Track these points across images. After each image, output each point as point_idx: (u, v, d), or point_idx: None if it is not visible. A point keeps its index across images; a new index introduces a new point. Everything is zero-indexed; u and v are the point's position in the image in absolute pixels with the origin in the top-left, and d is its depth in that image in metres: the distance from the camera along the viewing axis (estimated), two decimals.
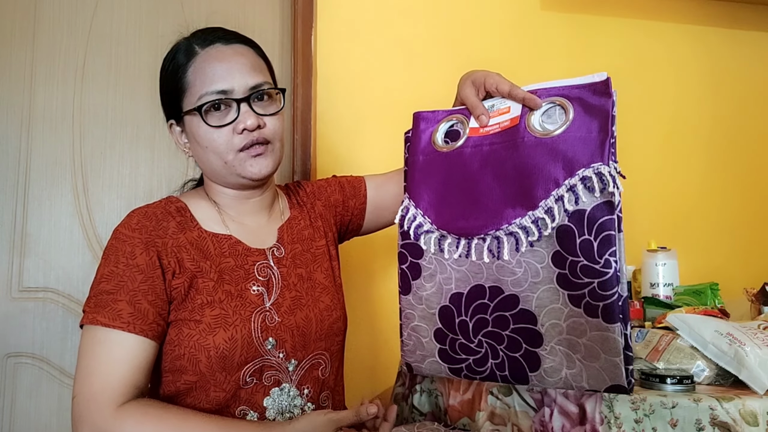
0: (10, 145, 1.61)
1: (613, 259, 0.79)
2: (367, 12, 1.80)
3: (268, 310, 1.01)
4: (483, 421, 1.05)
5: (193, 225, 1.03)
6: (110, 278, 0.95)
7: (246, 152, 1.01)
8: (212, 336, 0.95)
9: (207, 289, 0.98)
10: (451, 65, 1.88)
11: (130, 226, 0.99)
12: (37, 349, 1.57)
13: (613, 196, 0.79)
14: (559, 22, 1.95)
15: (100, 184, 1.65)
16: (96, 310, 0.93)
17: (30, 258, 1.59)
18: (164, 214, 1.01)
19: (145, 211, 1.02)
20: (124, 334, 0.92)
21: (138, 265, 0.95)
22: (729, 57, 2.12)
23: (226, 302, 0.98)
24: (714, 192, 2.06)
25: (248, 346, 0.97)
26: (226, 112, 1.00)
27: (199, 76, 1.00)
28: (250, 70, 1.01)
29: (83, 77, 1.66)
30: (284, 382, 1.00)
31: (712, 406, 0.89)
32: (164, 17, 1.71)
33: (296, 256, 1.09)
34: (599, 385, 0.83)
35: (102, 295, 0.94)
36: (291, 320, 1.02)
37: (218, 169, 1.03)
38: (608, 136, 0.81)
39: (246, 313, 0.98)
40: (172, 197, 1.07)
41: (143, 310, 0.93)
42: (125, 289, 0.94)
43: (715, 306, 1.39)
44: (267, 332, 0.99)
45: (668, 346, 1.06)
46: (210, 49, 1.01)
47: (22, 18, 1.63)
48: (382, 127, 1.77)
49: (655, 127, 2.03)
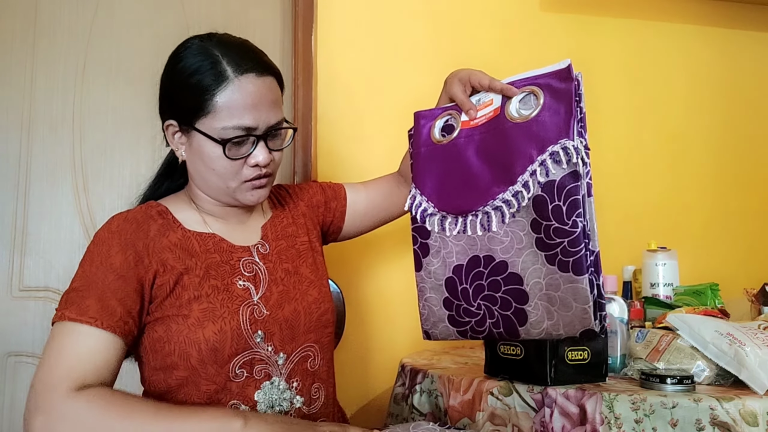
0: (11, 144, 1.61)
1: (579, 220, 0.90)
2: (367, 13, 1.80)
3: (256, 303, 1.02)
4: (483, 422, 1.05)
5: (175, 226, 1.03)
6: (82, 278, 0.96)
7: (250, 183, 1.03)
8: (201, 329, 0.96)
9: (193, 285, 0.99)
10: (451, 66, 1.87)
11: (110, 230, 0.99)
12: (38, 349, 1.57)
13: (578, 166, 0.90)
14: (559, 22, 1.95)
15: (101, 183, 1.65)
16: (65, 306, 0.94)
17: (31, 257, 1.59)
18: (145, 218, 1.02)
19: (125, 215, 1.02)
20: (91, 328, 0.91)
21: (111, 264, 0.95)
22: (730, 57, 2.12)
23: (213, 296, 0.99)
24: (714, 192, 2.06)
25: (238, 338, 0.98)
26: (242, 144, 1.00)
27: (228, 107, 0.97)
28: (273, 108, 1.01)
29: (84, 78, 1.66)
30: (274, 376, 1.01)
31: (712, 406, 0.89)
32: (165, 18, 1.71)
33: (281, 252, 1.11)
34: (573, 330, 0.92)
35: (71, 293, 0.95)
36: (279, 313, 1.03)
37: (215, 189, 1.04)
38: (572, 115, 0.93)
39: (234, 306, 1.00)
40: (152, 202, 1.07)
41: (111, 307, 0.93)
42: (94, 287, 0.94)
43: (715, 306, 1.39)
44: (256, 325, 1.00)
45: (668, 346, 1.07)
46: (243, 80, 0.98)
47: (22, 19, 1.63)
48: (382, 128, 1.77)
49: (655, 127, 2.03)
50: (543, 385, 1.01)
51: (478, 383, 1.09)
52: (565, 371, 1.02)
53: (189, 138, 1.03)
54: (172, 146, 1.06)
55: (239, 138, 0.99)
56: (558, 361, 1.02)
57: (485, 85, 1.05)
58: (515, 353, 1.07)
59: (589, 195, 0.93)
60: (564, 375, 1.02)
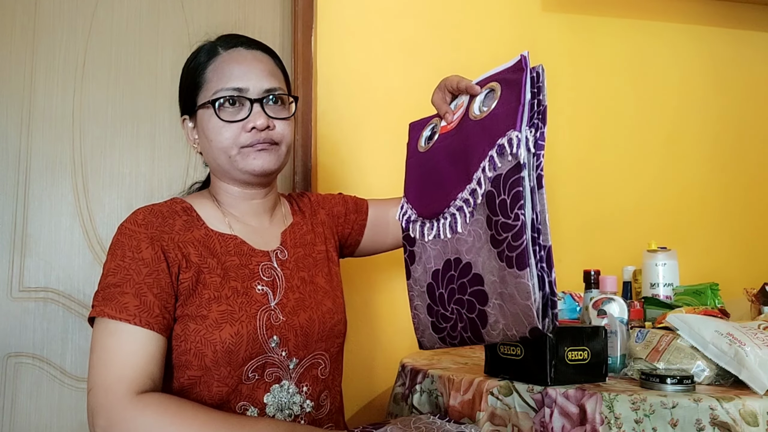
0: (10, 144, 1.61)
1: (521, 213, 0.88)
2: (367, 13, 1.80)
3: (273, 309, 1.03)
4: (483, 422, 1.05)
5: (199, 224, 1.05)
6: (116, 272, 0.96)
7: (250, 148, 1.04)
8: (218, 331, 0.97)
9: (214, 285, 1.00)
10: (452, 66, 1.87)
11: (136, 222, 1.01)
12: (38, 350, 1.57)
13: (520, 157, 0.88)
14: (560, 22, 1.95)
15: (101, 183, 1.65)
16: (104, 302, 0.95)
17: (30, 258, 1.59)
18: (170, 213, 1.04)
19: (150, 208, 1.04)
20: (133, 326, 0.93)
21: (143, 258, 0.97)
22: (730, 57, 2.12)
23: (233, 299, 1.00)
24: (714, 192, 2.06)
25: (253, 342, 0.99)
26: (239, 109, 1.04)
27: (217, 74, 1.04)
28: (266, 75, 1.06)
29: (83, 76, 1.66)
30: (284, 379, 1.02)
31: (712, 406, 0.89)
32: (164, 16, 1.71)
33: (299, 260, 1.12)
34: (522, 329, 0.90)
35: (109, 288, 0.96)
36: (294, 320, 1.04)
37: (223, 164, 1.06)
38: (520, 104, 0.91)
39: (252, 310, 1.01)
40: (177, 198, 1.09)
41: (149, 303, 0.95)
42: (131, 282, 0.95)
43: (715, 306, 1.39)
44: (271, 330, 1.01)
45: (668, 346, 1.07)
46: (231, 51, 1.06)
47: (22, 16, 1.63)
48: (382, 128, 1.77)
49: (655, 127, 2.03)
50: (543, 385, 1.01)
51: (478, 383, 1.09)
52: (565, 371, 1.02)
53: (195, 123, 1.08)
54: (188, 143, 1.11)
55: (229, 97, 1.03)
56: (558, 361, 1.02)
57: (455, 87, 1.08)
58: (515, 353, 1.07)
59: (540, 187, 0.90)
60: (564, 375, 1.02)
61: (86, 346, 1.59)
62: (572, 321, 1.46)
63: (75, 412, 1.57)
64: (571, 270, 1.63)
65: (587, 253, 1.87)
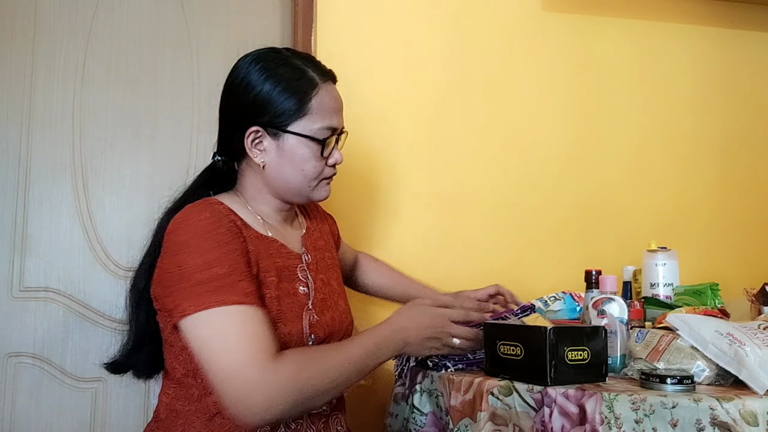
0: (11, 144, 1.61)
1: None
2: (367, 13, 1.80)
3: (311, 309, 1.09)
4: (484, 422, 1.05)
5: (244, 224, 1.06)
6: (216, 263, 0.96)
7: (325, 181, 1.13)
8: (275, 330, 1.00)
9: (273, 284, 1.04)
10: (452, 66, 1.88)
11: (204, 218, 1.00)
12: (38, 349, 1.57)
13: None
14: (560, 22, 1.95)
15: (101, 184, 1.65)
16: (221, 292, 0.94)
17: (31, 258, 1.59)
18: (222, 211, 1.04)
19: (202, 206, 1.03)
20: (253, 308, 0.96)
21: (234, 250, 0.99)
22: (731, 57, 2.12)
23: (284, 299, 1.05)
24: (715, 192, 2.06)
25: (299, 342, 1.05)
26: (328, 146, 1.11)
27: (322, 109, 1.09)
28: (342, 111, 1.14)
29: (83, 77, 1.66)
30: None
31: (712, 406, 0.89)
32: (164, 17, 1.71)
33: (318, 262, 1.18)
34: None
35: (218, 279, 0.95)
36: (324, 319, 1.11)
37: (295, 189, 1.11)
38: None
39: (298, 310, 1.07)
40: (211, 199, 1.08)
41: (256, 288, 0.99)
42: (238, 270, 0.97)
43: (715, 306, 1.39)
44: (311, 329, 1.08)
45: (668, 346, 1.06)
46: (328, 85, 1.12)
47: (22, 17, 1.63)
48: (382, 128, 1.77)
49: (655, 127, 2.03)
50: (543, 385, 1.01)
51: (478, 383, 1.09)
52: (565, 371, 1.02)
53: (279, 142, 1.08)
54: (249, 153, 1.09)
55: (330, 137, 1.09)
56: (558, 361, 1.02)
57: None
58: (515, 353, 1.07)
59: None
60: (564, 375, 1.02)
61: (86, 346, 1.59)
62: (572, 321, 1.45)
63: (75, 411, 1.58)
64: (571, 270, 1.63)
65: (587, 253, 1.87)
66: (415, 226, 1.78)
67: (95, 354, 1.60)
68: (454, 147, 1.84)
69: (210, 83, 1.71)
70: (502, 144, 1.89)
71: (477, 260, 1.82)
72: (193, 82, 1.71)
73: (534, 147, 1.91)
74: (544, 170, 1.91)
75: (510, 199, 1.86)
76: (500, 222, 1.87)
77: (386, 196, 1.77)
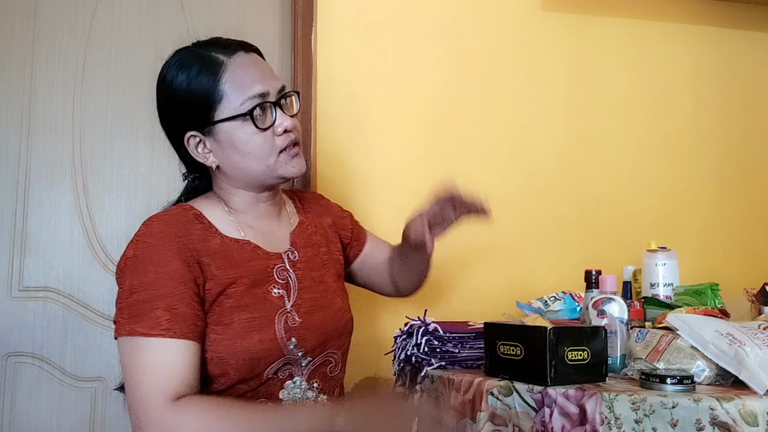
0: (10, 144, 1.60)
1: None
2: (367, 12, 1.80)
3: (289, 311, 1.04)
4: (484, 422, 1.05)
5: (213, 231, 1.03)
6: (141, 288, 0.94)
7: (286, 153, 1.05)
8: (242, 339, 0.98)
9: (236, 294, 1.00)
10: (452, 65, 1.88)
11: (154, 235, 0.98)
12: (38, 349, 1.57)
13: None
14: (560, 22, 1.95)
15: (100, 183, 1.65)
16: (133, 320, 0.92)
17: (30, 257, 1.59)
18: (185, 221, 1.02)
19: (164, 219, 1.01)
20: (167, 340, 0.91)
21: (169, 272, 0.95)
22: (731, 57, 2.12)
23: (253, 306, 1.01)
24: (715, 192, 2.06)
25: (274, 348, 1.00)
26: (264, 116, 1.03)
27: (236, 83, 1.01)
28: (272, 75, 1.06)
29: (83, 77, 1.65)
30: (296, 376, 1.04)
31: (712, 406, 0.89)
32: (164, 17, 1.71)
33: (309, 260, 1.13)
34: None
35: (137, 305, 0.93)
36: (311, 320, 1.06)
37: (257, 173, 1.04)
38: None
39: (270, 314, 1.02)
40: (185, 204, 1.06)
41: (181, 314, 0.93)
42: (160, 297, 0.93)
43: (715, 306, 1.39)
44: (290, 332, 1.02)
45: (668, 346, 1.06)
46: (236, 57, 1.03)
47: (22, 18, 1.63)
48: (382, 128, 1.77)
49: (655, 127, 2.03)
50: (543, 385, 1.01)
51: (478, 383, 1.09)
52: (565, 371, 1.02)
53: (214, 136, 1.03)
54: (199, 159, 1.06)
55: (259, 105, 1.01)
56: (558, 361, 1.02)
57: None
58: (515, 353, 1.07)
59: None
60: (564, 375, 1.02)
61: (86, 345, 1.59)
62: (572, 321, 1.45)
63: (75, 411, 1.57)
64: (571, 270, 1.63)
65: (587, 253, 1.87)
66: None
67: (95, 353, 1.60)
68: (454, 146, 1.84)
69: None
70: (501, 143, 1.89)
71: (476, 260, 1.82)
72: None
73: (533, 146, 1.91)
74: (544, 170, 1.91)
75: (510, 198, 1.86)
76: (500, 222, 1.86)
77: (386, 195, 1.76)
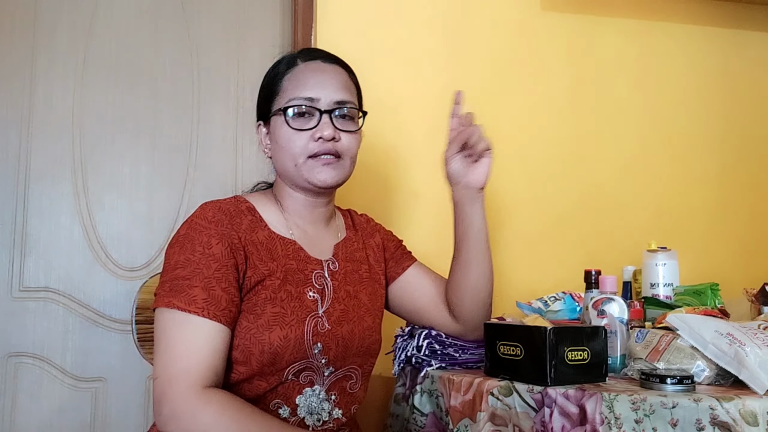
0: (10, 144, 1.61)
1: None
2: (367, 12, 1.80)
3: (320, 316, 1.06)
4: (484, 422, 1.05)
5: (262, 225, 1.08)
6: (186, 265, 0.99)
7: (316, 159, 1.07)
8: (269, 332, 1.00)
9: (273, 286, 1.03)
10: (452, 65, 1.88)
11: (206, 218, 1.03)
12: (38, 349, 1.57)
13: None
14: (559, 22, 1.95)
15: (101, 183, 1.65)
16: (172, 294, 0.97)
17: (30, 257, 1.59)
18: (237, 212, 1.06)
19: (219, 205, 1.06)
20: (200, 318, 0.95)
21: (213, 254, 0.99)
22: (730, 57, 2.12)
23: (287, 302, 1.03)
24: (715, 192, 2.06)
25: (299, 348, 1.02)
26: (309, 119, 1.08)
27: (293, 83, 1.09)
28: (339, 87, 1.10)
29: (83, 76, 1.66)
30: (317, 384, 1.05)
31: (712, 406, 0.89)
32: (164, 16, 1.71)
33: (348, 274, 1.15)
34: None
35: (177, 281, 0.97)
36: (338, 330, 1.07)
37: (289, 170, 1.09)
38: None
39: (302, 315, 1.04)
40: (240, 197, 1.12)
41: (217, 297, 0.97)
42: (200, 276, 0.97)
43: (715, 306, 1.39)
44: (317, 337, 1.04)
45: (668, 346, 1.06)
46: (310, 63, 1.12)
47: (22, 16, 1.63)
48: (382, 128, 1.77)
49: (656, 127, 2.03)
50: (543, 385, 1.01)
51: (478, 383, 1.09)
52: (565, 371, 1.02)
53: (270, 128, 1.12)
54: (260, 147, 1.15)
55: (301, 106, 1.06)
56: (558, 361, 1.02)
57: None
58: (515, 353, 1.07)
59: None
60: (564, 375, 1.02)
61: (86, 346, 1.59)
62: (572, 321, 1.45)
63: (75, 411, 1.58)
64: (571, 270, 1.63)
65: (587, 253, 1.87)
66: (414, 225, 1.77)
67: (95, 354, 1.60)
68: None
69: (210, 83, 1.71)
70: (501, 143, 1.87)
71: None
72: (193, 81, 1.71)
73: (533, 147, 1.91)
74: (544, 170, 1.91)
75: (510, 198, 1.86)
76: (500, 222, 1.87)
77: (385, 195, 1.77)
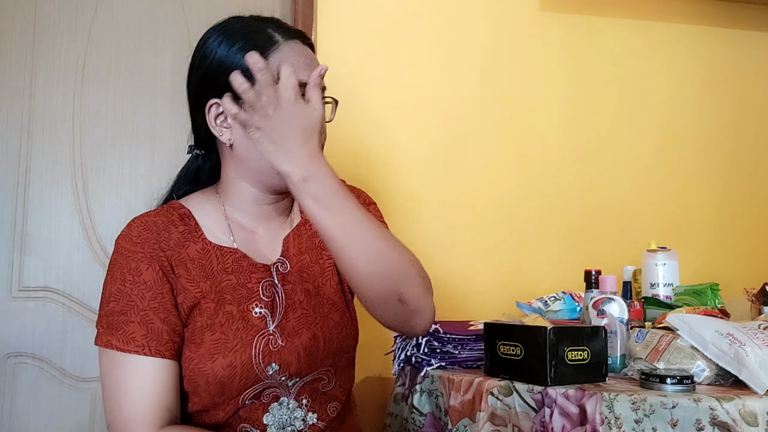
0: (11, 145, 1.61)
1: None
2: (367, 12, 1.80)
3: (272, 333, 0.95)
4: (484, 422, 1.05)
5: (197, 235, 0.97)
6: (119, 297, 0.91)
7: None
8: (211, 362, 0.91)
9: (208, 311, 0.93)
10: (451, 65, 1.88)
11: (131, 239, 0.93)
12: (37, 349, 1.57)
13: None
14: (558, 22, 1.95)
15: (100, 183, 1.65)
16: (109, 332, 0.90)
17: (30, 257, 1.59)
18: (166, 224, 0.96)
19: (145, 220, 0.96)
20: (142, 357, 0.88)
21: (145, 281, 0.91)
22: (729, 57, 2.12)
23: (227, 325, 0.93)
24: (715, 192, 2.06)
25: (248, 373, 0.92)
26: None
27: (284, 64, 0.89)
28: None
29: (83, 77, 1.66)
30: (282, 397, 0.96)
31: (712, 406, 0.89)
32: (164, 17, 1.71)
33: (303, 270, 1.02)
34: None
35: (113, 316, 0.91)
36: (296, 342, 0.96)
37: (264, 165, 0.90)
38: None
39: (247, 337, 0.93)
40: (175, 203, 1.00)
41: (156, 330, 0.90)
42: (135, 309, 0.90)
43: (716, 306, 1.39)
44: (269, 357, 0.94)
45: (668, 346, 1.06)
46: (291, 43, 0.95)
47: (22, 18, 1.63)
48: (381, 128, 1.77)
49: (655, 127, 2.03)
50: (543, 385, 1.01)
51: (478, 383, 1.09)
52: (565, 371, 1.02)
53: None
54: (214, 132, 0.95)
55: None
56: (558, 361, 1.02)
57: None
58: (515, 353, 1.07)
59: None
60: (564, 375, 1.02)
61: (86, 346, 1.59)
62: (572, 321, 1.45)
63: (75, 411, 1.57)
64: (571, 270, 1.63)
65: (587, 253, 1.87)
66: (413, 226, 1.77)
67: (94, 354, 1.58)
68: (453, 147, 1.84)
69: None
70: (501, 144, 1.89)
71: (476, 260, 1.82)
72: None
73: (533, 147, 1.91)
74: (544, 170, 1.91)
75: (509, 198, 1.86)
76: (500, 222, 1.87)
77: (385, 195, 1.76)
